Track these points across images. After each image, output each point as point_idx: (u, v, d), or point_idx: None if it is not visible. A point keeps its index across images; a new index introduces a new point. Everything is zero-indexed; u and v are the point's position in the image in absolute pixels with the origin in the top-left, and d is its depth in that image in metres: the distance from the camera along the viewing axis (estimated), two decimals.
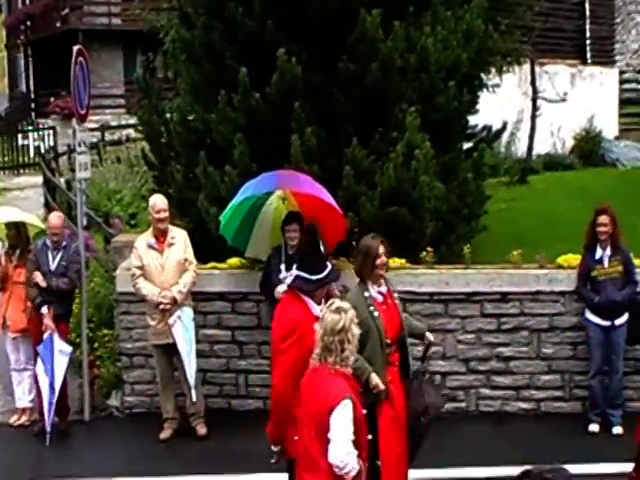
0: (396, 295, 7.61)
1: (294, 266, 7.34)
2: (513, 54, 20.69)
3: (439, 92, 12.10)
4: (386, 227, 10.57)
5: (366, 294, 7.28)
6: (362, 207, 10.93)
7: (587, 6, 28.59)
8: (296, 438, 6.33)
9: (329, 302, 6.31)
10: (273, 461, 7.10)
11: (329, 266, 7.11)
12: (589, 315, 10.03)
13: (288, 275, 7.15)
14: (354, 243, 10.16)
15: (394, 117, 11.61)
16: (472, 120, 14.11)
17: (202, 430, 10.11)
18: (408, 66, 11.75)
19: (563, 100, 23.53)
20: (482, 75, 14.53)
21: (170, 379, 10.24)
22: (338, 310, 6.08)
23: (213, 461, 9.49)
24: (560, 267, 10.56)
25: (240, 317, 10.68)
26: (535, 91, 22.36)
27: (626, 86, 33.19)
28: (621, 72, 32.55)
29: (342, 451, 5.82)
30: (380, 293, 7.43)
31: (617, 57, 33.61)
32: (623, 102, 30.91)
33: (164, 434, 10.14)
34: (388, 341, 7.28)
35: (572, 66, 27.25)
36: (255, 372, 10.72)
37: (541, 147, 23.65)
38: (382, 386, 7.05)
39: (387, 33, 11.50)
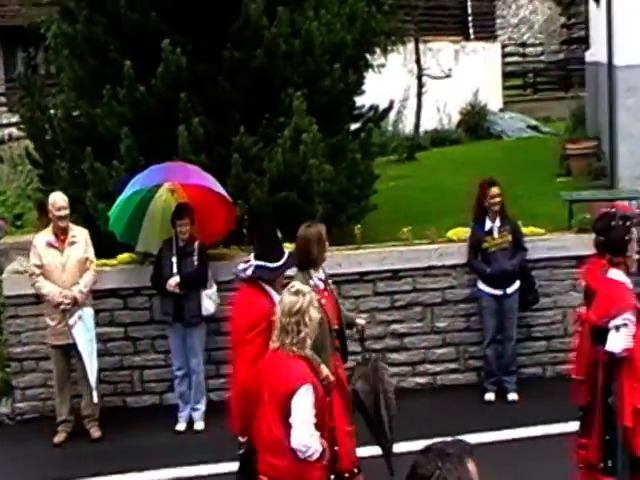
0: (330, 281, 7.68)
1: (251, 255, 7.20)
2: (397, 33, 20.94)
3: (325, 75, 12.21)
4: (276, 212, 10.65)
5: (311, 282, 7.24)
6: (252, 194, 10.95)
7: None
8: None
9: (289, 285, 6.33)
10: (242, 452, 7.01)
11: (286, 252, 7.10)
12: (482, 286, 10.21)
13: (247, 266, 7.08)
14: (245, 231, 10.22)
15: (281, 102, 11.67)
16: (359, 101, 14.26)
17: (96, 433, 9.94)
18: (293, 50, 11.82)
19: (448, 76, 23.86)
20: (367, 56, 14.70)
21: (67, 381, 10.07)
22: (297, 292, 6.09)
23: (109, 461, 9.34)
24: (450, 241, 10.72)
25: (133, 313, 10.58)
26: (420, 69, 22.66)
27: (508, 59, 33.88)
28: (503, 46, 33.20)
29: (305, 435, 5.86)
30: (320, 280, 7.47)
31: (499, 32, 34.26)
32: (506, 75, 31.54)
33: (58, 438, 9.94)
34: (335, 327, 7.39)
35: (456, 42, 27.70)
36: (150, 367, 10.62)
37: (428, 123, 23.99)
38: (332, 377, 7.07)
39: (271, 19, 11.54)
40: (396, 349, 10.53)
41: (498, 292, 10.12)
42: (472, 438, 8.63)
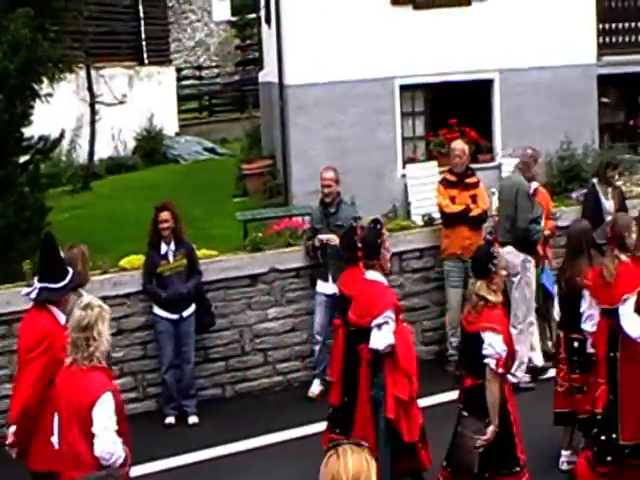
0: None
1: (35, 278, 7.22)
2: (65, 61, 20.57)
3: None
4: None
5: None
6: None
7: (140, 7, 28.98)
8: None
9: (80, 299, 6.45)
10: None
11: (70, 270, 7.16)
12: (157, 311, 10.19)
13: (32, 289, 7.12)
14: None
15: None
16: (28, 132, 13.92)
17: None
18: None
19: (122, 102, 23.76)
20: (34, 85, 14.35)
21: None
22: (85, 307, 6.18)
23: None
24: (124, 270, 10.63)
25: None
26: (93, 96, 22.43)
27: (185, 82, 34.16)
28: (178, 69, 33.46)
29: (108, 442, 5.99)
30: None
31: (175, 55, 34.50)
32: (183, 98, 31.80)
33: None
34: None
35: (129, 68, 27.59)
36: None
37: (103, 151, 23.81)
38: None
39: None
40: None
41: (174, 316, 10.15)
42: (154, 466, 8.75)
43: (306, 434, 9.36)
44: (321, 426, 9.27)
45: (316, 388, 10.57)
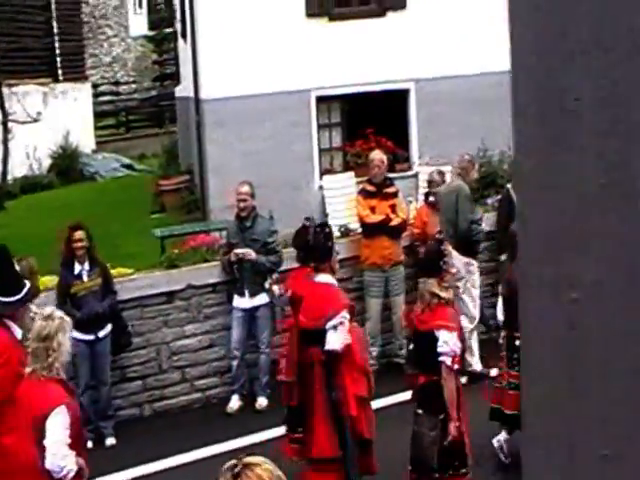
0: None
1: None
2: None
3: None
4: None
5: (32, 315, 7.10)
6: None
7: (55, 23, 28.60)
8: None
9: (43, 309, 6.56)
10: None
11: (26, 284, 7.01)
12: (73, 332, 10.02)
13: None
14: None
15: None
16: None
17: None
18: None
19: (36, 120, 23.32)
20: None
21: None
22: (47, 317, 6.29)
23: None
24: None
25: None
26: (5, 114, 22.02)
27: (102, 99, 33.80)
28: (95, 85, 33.08)
29: (58, 456, 6.00)
30: None
31: (91, 71, 34.12)
32: (100, 115, 31.44)
33: None
34: None
35: (44, 85, 27.16)
36: None
37: (17, 170, 23.37)
38: None
39: None
40: None
41: (90, 337, 10.02)
42: None
43: (226, 450, 9.24)
44: (241, 442, 9.29)
45: (235, 404, 10.51)
